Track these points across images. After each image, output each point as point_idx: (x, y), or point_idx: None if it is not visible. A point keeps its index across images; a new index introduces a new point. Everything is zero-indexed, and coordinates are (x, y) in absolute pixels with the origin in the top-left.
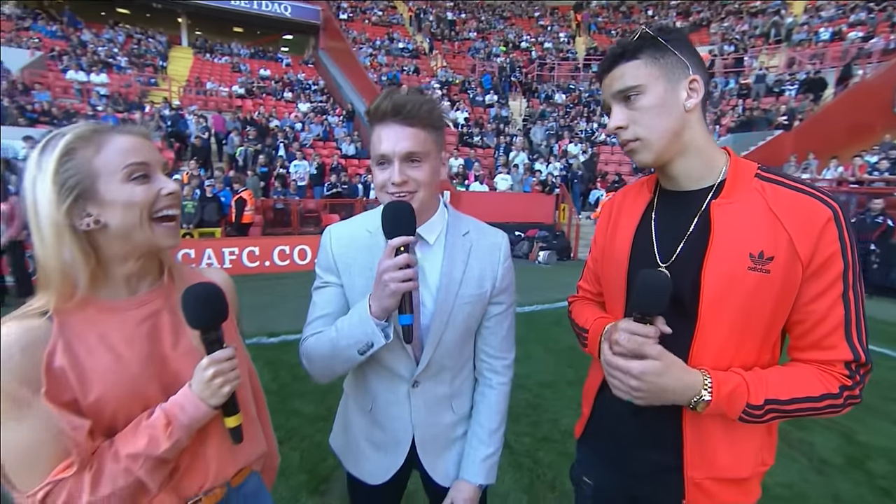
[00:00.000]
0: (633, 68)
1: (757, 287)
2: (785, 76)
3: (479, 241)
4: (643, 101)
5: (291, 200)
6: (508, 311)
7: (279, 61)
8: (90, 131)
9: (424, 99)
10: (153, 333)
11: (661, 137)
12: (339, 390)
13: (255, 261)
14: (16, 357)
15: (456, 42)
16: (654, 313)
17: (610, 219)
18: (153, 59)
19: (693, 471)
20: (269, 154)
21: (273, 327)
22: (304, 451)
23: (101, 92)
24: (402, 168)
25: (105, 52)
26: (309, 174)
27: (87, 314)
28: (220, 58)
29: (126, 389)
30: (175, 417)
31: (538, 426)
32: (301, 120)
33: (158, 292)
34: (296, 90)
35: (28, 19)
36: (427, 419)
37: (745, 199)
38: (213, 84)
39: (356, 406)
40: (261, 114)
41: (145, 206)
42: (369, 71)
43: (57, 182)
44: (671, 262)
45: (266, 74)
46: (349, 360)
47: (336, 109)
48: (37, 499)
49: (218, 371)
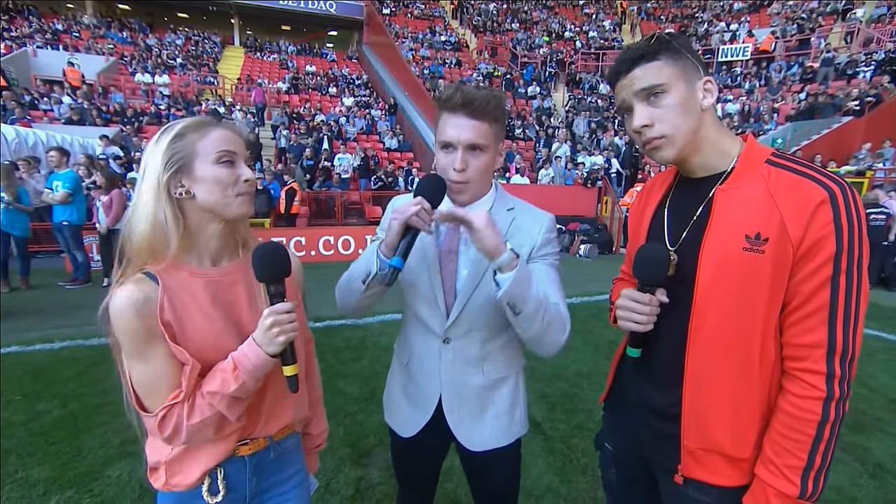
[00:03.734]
0: (656, 69)
1: (752, 267)
2: (860, 56)
3: (521, 217)
4: (667, 100)
5: (335, 192)
6: (548, 263)
7: (324, 57)
8: (199, 122)
9: (491, 94)
10: (233, 299)
11: (684, 135)
12: (383, 376)
13: (301, 250)
14: (137, 312)
15: (497, 34)
16: (653, 284)
17: (640, 204)
18: (208, 60)
19: (688, 439)
20: (315, 147)
21: (318, 313)
22: (348, 426)
23: (163, 92)
24: (464, 156)
25: (167, 55)
26: (353, 167)
27: (182, 276)
28: (269, 55)
29: (213, 343)
30: (240, 363)
31: (573, 414)
32: (345, 114)
33: (237, 265)
34: (340, 85)
35: (103, 28)
36: (455, 377)
37: (749, 184)
38: (263, 80)
39: (398, 360)
40: (307, 108)
41: (228, 185)
42: (411, 64)
43: (166, 155)
44: (679, 245)
45: (312, 70)
46: (357, 290)
47: (379, 103)
48: (158, 418)
49: (276, 321)
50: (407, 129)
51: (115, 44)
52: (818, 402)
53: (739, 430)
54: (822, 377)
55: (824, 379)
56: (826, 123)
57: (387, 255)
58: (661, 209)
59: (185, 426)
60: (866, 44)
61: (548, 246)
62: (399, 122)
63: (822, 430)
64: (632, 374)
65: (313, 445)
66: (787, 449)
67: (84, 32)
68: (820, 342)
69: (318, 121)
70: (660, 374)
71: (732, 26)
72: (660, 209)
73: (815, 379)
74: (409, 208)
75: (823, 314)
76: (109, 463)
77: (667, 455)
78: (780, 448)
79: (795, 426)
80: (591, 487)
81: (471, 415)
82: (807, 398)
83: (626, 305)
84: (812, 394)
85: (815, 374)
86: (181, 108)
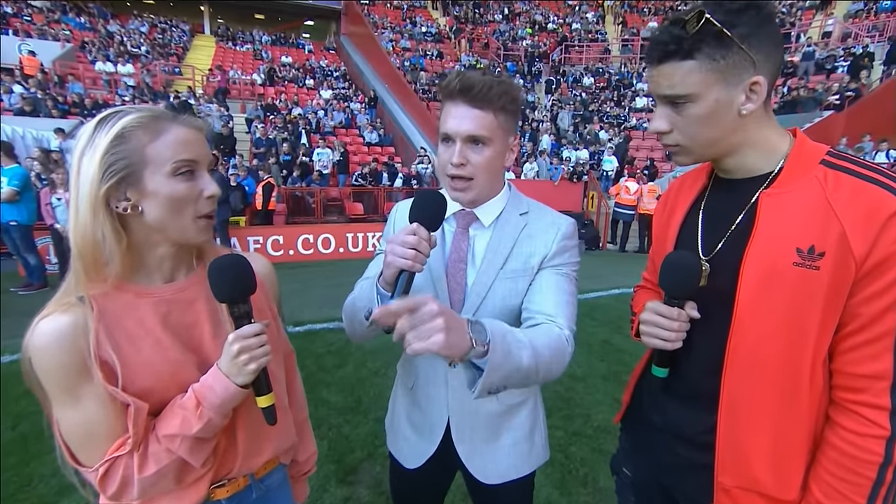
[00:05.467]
0: (686, 72)
1: (803, 284)
2: (838, 51)
3: (536, 221)
4: (692, 111)
5: (314, 189)
6: (560, 272)
7: (301, 48)
8: (150, 118)
9: (496, 80)
10: (191, 321)
11: (702, 146)
12: (369, 382)
13: (279, 249)
14: (62, 349)
15: (480, 25)
16: (681, 296)
17: (666, 206)
18: (177, 49)
19: (724, 476)
20: (292, 142)
21: (298, 316)
22: (332, 440)
23: (127, 82)
24: (462, 149)
25: (131, 43)
26: (332, 162)
27: (125, 298)
28: (242, 45)
29: (168, 375)
30: (204, 397)
31: (570, 420)
32: (323, 107)
33: (194, 279)
34: (317, 77)
35: (58, 11)
36: (464, 404)
37: (801, 188)
38: (236, 72)
39: (402, 383)
40: (283, 101)
41: (186, 204)
42: (392, 56)
43: (105, 162)
44: (712, 255)
45: (288, 61)
46: (361, 322)
47: (358, 96)
48: (99, 474)
49: (243, 347)
50: (388, 123)
51: (71, 29)
52: (880, 441)
53: (784, 466)
54: (886, 413)
55: (888, 415)
56: (808, 118)
57: (385, 291)
58: (694, 213)
59: (135, 479)
60: (843, 39)
61: (564, 254)
62: (379, 116)
63: (884, 472)
64: (656, 394)
65: (301, 472)
66: (842, 492)
67: (36, 16)
68: (883, 373)
69: (296, 114)
70: (690, 397)
71: None
72: (691, 213)
73: (876, 415)
74: (400, 249)
75: (889, 341)
76: (64, 493)
77: (696, 487)
78: (832, 490)
79: (852, 467)
80: (592, 500)
81: (485, 443)
82: (867, 436)
83: (652, 320)
84: (873, 431)
85: (876, 409)
86: (148, 100)
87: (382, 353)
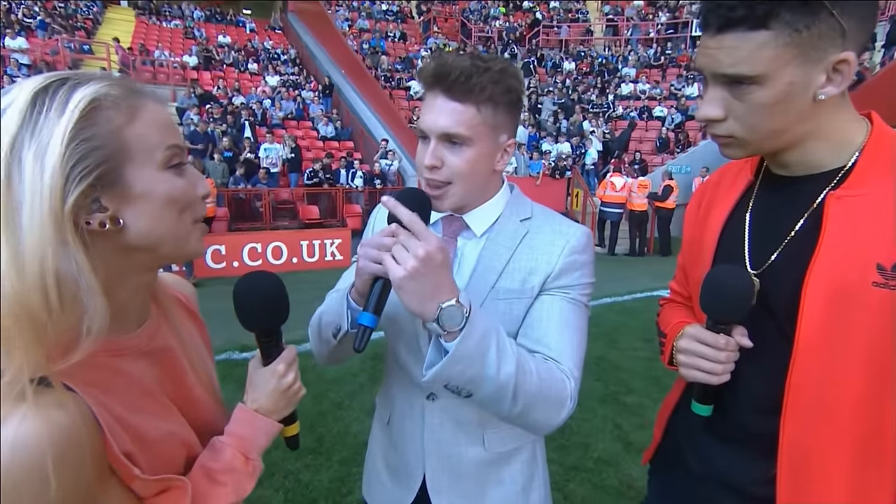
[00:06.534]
0: (756, 46)
1: (886, 308)
2: None
3: (539, 229)
4: (756, 96)
5: (262, 190)
6: (566, 298)
7: (241, 26)
8: (121, 89)
9: (482, 66)
10: (180, 372)
11: (763, 138)
12: (331, 417)
13: (220, 261)
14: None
15: (448, 3)
16: (728, 321)
17: (701, 206)
18: (85, 21)
19: None
20: (234, 136)
21: (245, 340)
22: (289, 490)
23: (20, 59)
24: (436, 149)
25: (23, 12)
26: (282, 159)
27: (103, 364)
28: (170, 21)
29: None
30: (251, 448)
31: (566, 452)
32: (270, 95)
33: (159, 319)
34: (262, 60)
35: None
36: (443, 447)
37: (880, 189)
38: (163, 52)
39: (378, 417)
40: (221, 88)
41: (185, 207)
42: (348, 37)
43: (69, 157)
44: (764, 268)
45: (226, 41)
46: (328, 341)
47: (311, 83)
48: None
49: (297, 374)
50: (345, 114)
51: None
52: None
53: None
54: None
55: None
56: None
57: (358, 304)
58: (738, 216)
59: None
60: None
61: (572, 273)
62: (335, 106)
63: None
64: (697, 435)
65: None
66: None
67: None
68: None
69: (237, 104)
70: (740, 440)
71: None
72: (735, 216)
73: None
74: (375, 252)
75: None
76: None
77: None
78: None
79: None
80: None
81: (466, 499)
82: None
83: (694, 349)
84: None
85: None
86: None
87: (346, 382)
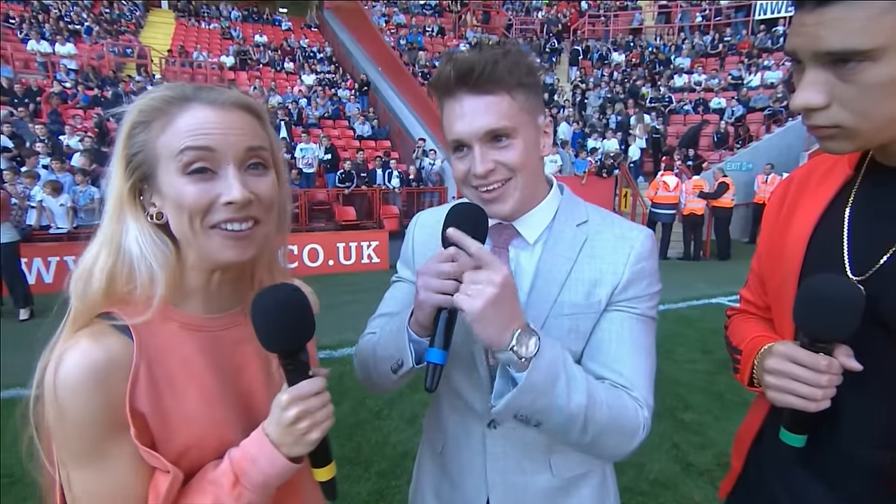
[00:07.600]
0: (871, 16)
1: None
2: None
3: (598, 234)
4: (870, 75)
5: (297, 191)
6: (634, 314)
7: (277, 25)
8: (165, 99)
9: (499, 51)
10: (239, 365)
11: (878, 127)
12: (370, 426)
13: None
14: (96, 391)
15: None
16: (829, 339)
17: (784, 204)
18: (128, 25)
19: None
20: None
21: None
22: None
23: (68, 65)
24: (484, 153)
25: (71, 18)
26: (318, 159)
27: (169, 330)
28: (208, 23)
29: (212, 434)
30: (244, 473)
31: (618, 472)
32: (306, 95)
33: (240, 313)
34: (298, 59)
35: None
36: (509, 477)
37: None
38: (201, 53)
39: (428, 445)
40: (258, 88)
41: (195, 213)
42: (385, 33)
43: (124, 151)
44: (870, 273)
45: (262, 41)
46: (385, 375)
47: (347, 81)
48: None
49: (303, 411)
50: (382, 113)
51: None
52: None
53: None
54: None
55: None
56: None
57: (420, 336)
58: (834, 215)
59: None
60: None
61: (640, 283)
62: (372, 105)
63: None
64: (788, 468)
65: None
66: None
67: None
68: None
69: (273, 103)
70: (847, 476)
71: None
72: (830, 215)
73: None
74: (437, 282)
75: None
76: None
77: None
78: None
79: None
80: None
81: None
82: None
83: (788, 371)
84: None
85: None
86: (94, 87)
87: None
